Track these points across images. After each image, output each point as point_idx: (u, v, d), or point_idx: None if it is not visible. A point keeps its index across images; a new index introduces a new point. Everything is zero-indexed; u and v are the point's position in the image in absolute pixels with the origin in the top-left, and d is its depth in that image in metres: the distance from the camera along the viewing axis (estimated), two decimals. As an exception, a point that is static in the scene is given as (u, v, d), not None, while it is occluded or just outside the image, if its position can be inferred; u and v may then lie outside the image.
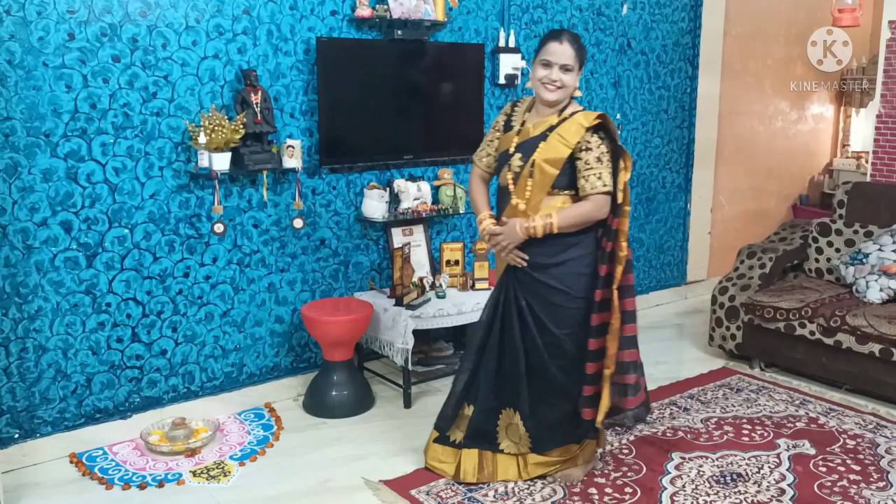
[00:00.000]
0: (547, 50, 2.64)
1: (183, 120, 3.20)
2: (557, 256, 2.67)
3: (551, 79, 2.62)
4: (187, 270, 3.32)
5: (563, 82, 2.63)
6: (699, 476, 2.94)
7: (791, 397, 3.70)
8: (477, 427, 2.86)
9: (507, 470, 2.87)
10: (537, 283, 2.70)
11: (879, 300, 3.79)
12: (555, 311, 2.70)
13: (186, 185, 3.26)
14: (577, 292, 2.68)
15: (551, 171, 2.63)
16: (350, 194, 3.74)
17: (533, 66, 2.69)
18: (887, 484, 2.88)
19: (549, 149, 2.63)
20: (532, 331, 2.73)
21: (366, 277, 3.86)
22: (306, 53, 3.50)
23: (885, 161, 4.40)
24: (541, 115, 2.72)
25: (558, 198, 2.67)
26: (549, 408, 2.79)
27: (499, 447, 2.87)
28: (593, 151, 2.62)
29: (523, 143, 2.70)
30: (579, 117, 2.65)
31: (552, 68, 2.62)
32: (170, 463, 3.02)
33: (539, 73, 2.65)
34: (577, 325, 2.70)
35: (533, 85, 2.69)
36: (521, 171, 2.67)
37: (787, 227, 4.61)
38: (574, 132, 2.62)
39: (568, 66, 2.62)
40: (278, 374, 3.65)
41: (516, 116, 2.79)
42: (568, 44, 2.63)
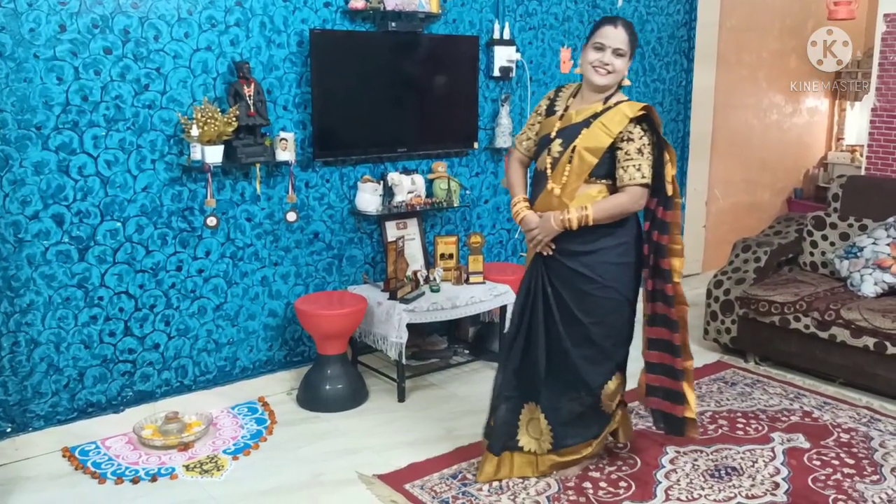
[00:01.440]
0: (601, 33, 2.61)
1: (175, 112, 3.18)
2: (589, 245, 2.64)
3: (603, 62, 2.59)
4: (180, 264, 3.30)
5: (615, 67, 2.60)
6: (694, 470, 2.94)
7: (785, 391, 3.70)
8: (499, 423, 2.83)
9: (522, 468, 2.85)
10: (567, 269, 2.67)
11: (874, 294, 3.80)
12: (584, 298, 2.67)
13: (179, 178, 3.24)
14: (607, 281, 2.65)
15: (590, 159, 2.60)
16: (344, 187, 3.73)
17: (584, 50, 2.66)
18: (881, 477, 2.89)
19: (590, 136, 2.60)
20: (556, 319, 2.69)
21: (359, 271, 3.84)
22: (299, 45, 3.47)
23: (880, 154, 4.40)
24: (586, 101, 2.68)
25: (595, 186, 2.63)
26: (571, 401, 2.76)
27: (517, 444, 2.82)
28: (635, 142, 2.60)
29: (565, 128, 2.67)
30: (624, 107, 2.61)
31: (605, 51, 2.59)
32: (163, 457, 3.01)
33: (591, 56, 2.61)
34: (605, 315, 2.69)
35: (583, 69, 2.65)
36: (561, 157, 2.64)
37: (781, 220, 4.61)
38: (618, 122, 2.59)
39: (620, 50, 2.60)
40: (272, 367, 3.64)
41: (560, 101, 2.76)
42: (622, 28, 2.61)
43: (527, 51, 4.28)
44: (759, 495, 2.77)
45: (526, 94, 4.32)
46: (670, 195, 2.67)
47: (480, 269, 3.87)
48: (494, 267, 4.12)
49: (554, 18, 4.38)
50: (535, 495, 2.76)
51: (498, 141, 4.19)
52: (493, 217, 4.34)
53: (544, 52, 4.38)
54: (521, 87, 4.30)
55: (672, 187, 2.67)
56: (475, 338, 4.15)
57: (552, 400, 2.77)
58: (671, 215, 2.69)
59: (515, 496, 2.75)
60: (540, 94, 4.40)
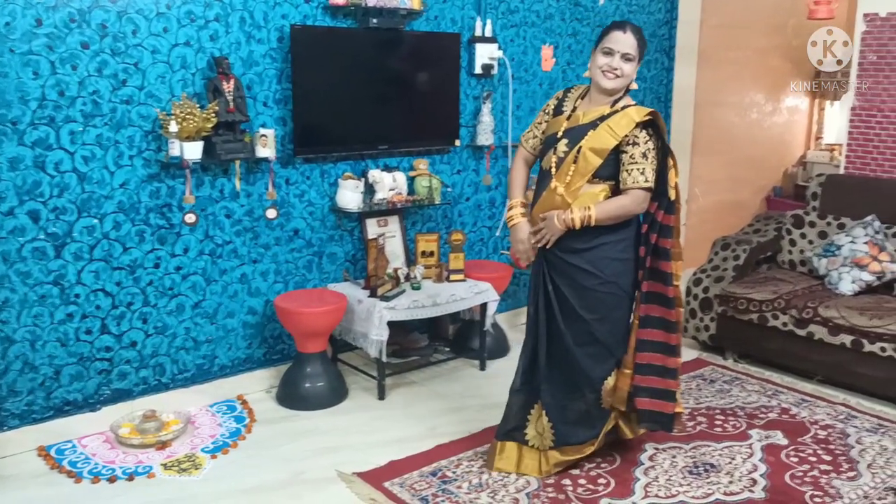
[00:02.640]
0: (610, 38, 2.66)
1: (153, 108, 3.15)
2: (591, 241, 2.69)
3: (612, 66, 2.65)
4: (158, 261, 3.27)
5: (623, 71, 2.65)
6: (672, 467, 2.96)
7: (764, 388, 3.73)
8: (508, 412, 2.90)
9: (529, 464, 2.87)
10: (569, 266, 2.72)
11: (851, 292, 3.83)
12: (586, 294, 2.71)
13: (157, 175, 3.21)
14: (609, 276, 2.70)
15: (595, 160, 2.65)
16: (324, 184, 3.71)
17: (593, 55, 2.71)
18: (857, 474, 2.92)
19: (596, 138, 2.65)
20: (557, 317, 2.75)
21: (340, 268, 3.83)
22: (280, 41, 3.45)
23: (859, 154, 4.44)
24: (594, 103, 2.74)
25: (598, 186, 2.68)
26: (576, 400, 2.79)
27: (524, 436, 2.87)
28: (640, 146, 2.64)
29: (571, 128, 2.72)
30: (631, 111, 2.66)
31: (614, 56, 2.65)
32: (140, 456, 2.99)
33: (600, 61, 2.67)
34: (608, 311, 2.74)
35: (592, 73, 2.71)
36: (566, 157, 2.69)
37: (761, 218, 4.64)
38: (624, 125, 2.63)
39: (629, 55, 2.65)
40: (251, 365, 3.62)
41: (568, 102, 2.81)
42: (631, 33, 2.66)
43: (508, 48, 4.28)
44: (736, 492, 2.79)
45: (508, 91, 4.31)
46: (672, 200, 2.72)
47: (461, 267, 3.87)
48: (475, 264, 4.12)
49: (536, 16, 4.38)
50: (514, 492, 2.76)
51: (479, 138, 4.18)
52: (474, 215, 4.34)
53: (526, 50, 4.38)
54: (503, 85, 4.30)
55: (675, 192, 2.73)
56: (456, 335, 4.15)
57: (556, 398, 2.81)
58: (673, 220, 2.75)
59: (495, 493, 2.75)
60: (522, 91, 4.40)
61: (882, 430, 3.28)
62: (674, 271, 2.77)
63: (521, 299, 4.65)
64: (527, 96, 4.43)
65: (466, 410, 3.45)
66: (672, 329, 2.77)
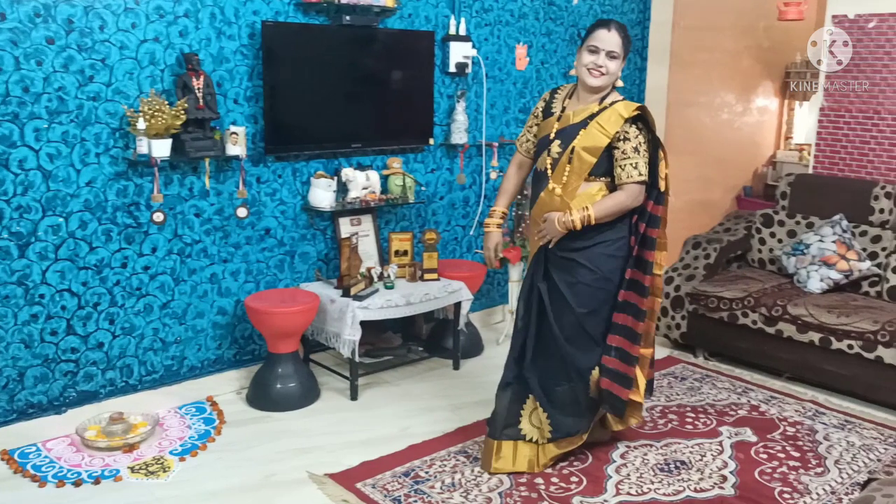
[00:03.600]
0: (595, 37, 2.70)
1: (121, 105, 3.09)
2: (590, 240, 2.74)
3: (597, 64, 2.68)
4: (125, 261, 3.21)
5: (609, 69, 2.69)
6: (644, 464, 2.97)
7: (734, 385, 3.77)
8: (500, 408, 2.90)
9: (524, 461, 2.86)
10: (569, 262, 2.77)
11: (819, 290, 3.88)
12: (580, 289, 2.75)
13: (124, 173, 3.16)
14: (606, 273, 2.76)
15: (589, 159, 2.69)
16: (296, 183, 3.67)
17: (579, 53, 2.76)
18: (825, 470, 2.96)
19: (588, 137, 2.69)
20: (549, 312, 2.78)
21: (312, 268, 3.80)
22: (251, 38, 3.41)
23: (827, 154, 4.51)
24: (582, 101, 2.78)
25: (594, 184, 2.73)
26: (564, 390, 2.81)
27: (520, 432, 2.86)
28: (631, 141, 2.68)
29: (563, 129, 2.76)
30: (619, 107, 2.70)
31: (599, 54, 2.69)
32: (107, 459, 2.93)
33: (585, 59, 2.71)
34: (598, 304, 2.77)
35: (578, 71, 2.75)
36: (560, 157, 2.74)
37: (731, 217, 4.69)
38: (613, 122, 2.68)
39: (614, 53, 2.69)
40: (221, 366, 3.57)
41: (556, 103, 2.86)
42: (616, 32, 2.70)
43: (483, 47, 4.28)
44: (707, 488, 2.81)
45: (482, 90, 4.31)
46: (662, 191, 2.77)
47: (435, 266, 3.85)
48: (449, 264, 4.11)
49: (510, 15, 4.38)
50: (487, 492, 2.76)
51: (454, 137, 4.17)
52: (448, 214, 4.33)
53: (500, 49, 4.38)
54: (478, 84, 4.29)
55: (665, 183, 2.77)
56: (430, 335, 4.14)
57: (545, 386, 2.83)
58: (662, 210, 2.80)
59: (468, 493, 2.75)
60: (496, 90, 4.40)
61: (849, 427, 3.32)
62: (656, 261, 2.82)
63: (495, 298, 4.65)
64: (501, 95, 4.43)
65: (440, 410, 3.44)
66: (640, 317, 2.80)
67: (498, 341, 4.31)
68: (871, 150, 4.32)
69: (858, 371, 3.52)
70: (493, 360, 4.06)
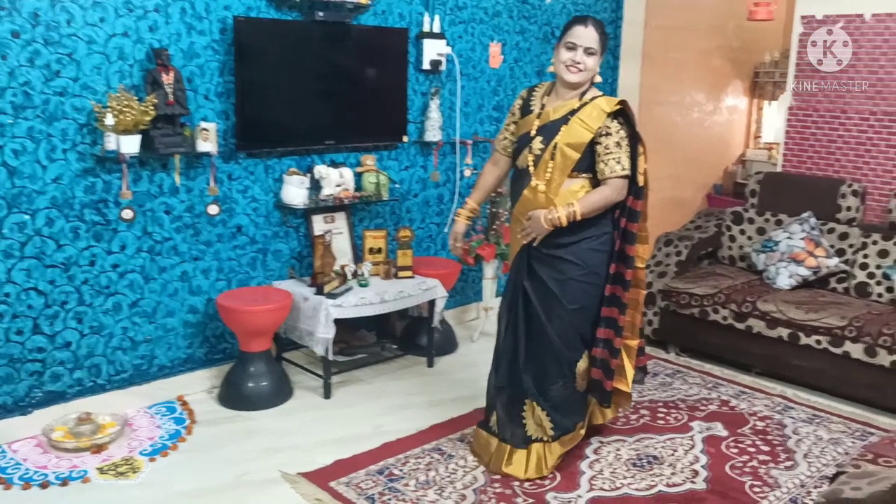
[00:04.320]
0: (572, 33, 2.70)
1: (89, 100, 3.04)
2: (576, 236, 2.73)
3: (575, 61, 2.69)
4: (93, 259, 3.16)
5: (586, 65, 2.70)
6: (617, 460, 2.99)
7: (704, 381, 3.81)
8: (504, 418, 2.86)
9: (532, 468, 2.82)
10: (554, 258, 2.76)
11: (788, 286, 3.94)
12: (570, 285, 2.75)
13: (92, 169, 3.10)
14: (593, 267, 2.76)
15: (573, 155, 2.69)
16: (269, 180, 3.64)
17: (556, 50, 2.76)
18: (794, 463, 3.00)
19: (570, 133, 2.69)
20: (539, 312, 2.76)
21: (285, 266, 3.76)
22: (222, 33, 3.37)
23: (796, 152, 4.57)
24: (561, 98, 2.78)
25: (577, 180, 2.73)
26: (558, 387, 2.80)
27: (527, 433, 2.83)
28: (613, 136, 2.69)
29: (544, 126, 2.76)
30: (601, 102, 2.71)
31: (576, 50, 2.69)
32: (74, 460, 2.88)
33: (563, 56, 2.71)
34: (586, 300, 2.78)
35: (556, 68, 2.75)
36: (542, 154, 2.73)
37: (702, 215, 4.74)
38: (596, 117, 2.68)
39: (591, 49, 2.69)
40: (192, 365, 3.52)
41: (535, 100, 2.84)
42: (593, 28, 2.70)
43: (457, 44, 4.27)
44: (679, 483, 2.84)
45: (456, 88, 4.30)
46: (641, 186, 2.79)
47: (410, 264, 3.84)
48: (424, 261, 4.10)
49: (484, 13, 4.38)
50: (461, 489, 2.76)
51: (428, 134, 4.16)
52: (422, 211, 4.32)
53: (474, 47, 4.38)
54: (451, 81, 4.29)
55: (643, 178, 2.79)
56: (404, 332, 4.12)
57: (540, 388, 2.81)
58: (641, 204, 2.81)
59: (442, 490, 2.74)
60: (470, 88, 4.39)
61: (817, 421, 3.38)
62: (638, 254, 2.84)
63: (470, 296, 4.66)
64: (475, 93, 4.43)
65: (414, 408, 3.44)
66: (623, 310, 2.83)
67: (472, 338, 4.32)
68: (838, 148, 4.39)
69: (826, 366, 3.58)
70: (467, 358, 4.07)
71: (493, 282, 4.36)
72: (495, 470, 2.85)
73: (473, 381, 3.74)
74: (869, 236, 3.96)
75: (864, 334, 3.43)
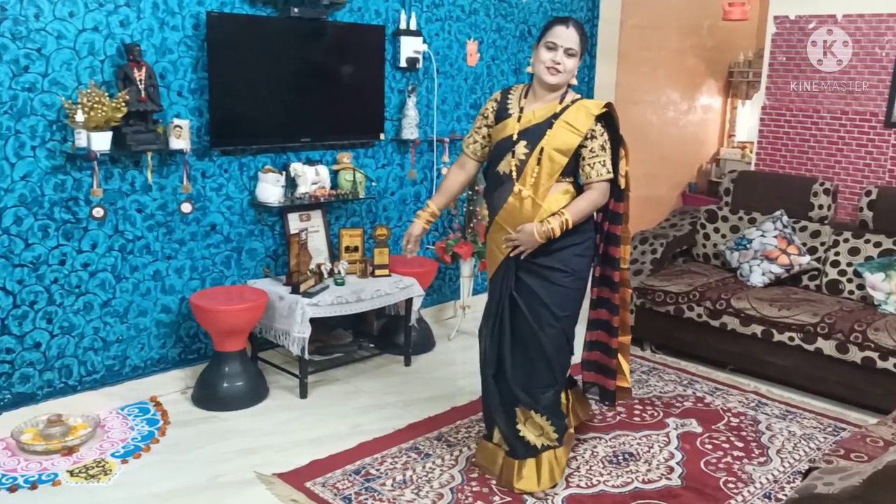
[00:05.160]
0: (553, 33, 2.63)
1: (58, 96, 2.98)
2: (560, 242, 2.67)
3: (555, 61, 2.61)
4: (63, 258, 3.10)
5: (566, 66, 2.63)
6: (593, 457, 3.00)
7: (679, 378, 3.84)
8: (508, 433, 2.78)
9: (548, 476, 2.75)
10: (542, 267, 2.68)
11: (762, 283, 3.98)
12: (558, 293, 2.69)
13: (62, 167, 3.04)
14: (579, 273, 2.72)
15: (561, 160, 2.63)
16: (243, 178, 3.60)
17: (536, 50, 2.68)
18: (767, 459, 3.03)
19: (557, 137, 2.63)
20: (529, 320, 2.69)
21: (260, 264, 3.73)
22: (196, 28, 3.32)
23: (769, 151, 4.62)
24: (540, 100, 2.69)
25: (561, 185, 2.67)
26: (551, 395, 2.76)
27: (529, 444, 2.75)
28: (598, 139, 2.65)
29: (526, 130, 2.67)
30: (588, 105, 2.66)
31: (557, 51, 2.62)
32: (44, 463, 2.83)
33: (543, 56, 2.63)
34: (574, 305, 2.75)
35: (535, 68, 2.67)
36: (527, 160, 2.65)
37: (677, 213, 4.78)
38: (583, 121, 2.63)
39: (572, 50, 2.63)
40: (165, 366, 3.48)
41: (511, 103, 2.74)
42: (573, 29, 2.63)
43: (433, 42, 4.26)
44: (654, 479, 2.85)
45: (433, 85, 4.29)
46: (623, 188, 2.77)
47: (386, 262, 3.83)
48: (400, 260, 4.07)
49: (461, 11, 4.37)
50: (438, 487, 2.75)
51: (405, 132, 4.15)
52: (399, 209, 4.30)
53: (451, 45, 4.36)
54: (428, 79, 4.27)
55: (625, 181, 2.77)
56: (381, 331, 4.11)
57: (532, 396, 2.75)
58: (623, 207, 2.81)
59: (420, 490, 2.73)
60: (447, 86, 4.38)
61: (790, 417, 3.42)
62: (623, 255, 2.84)
63: (447, 294, 4.65)
64: (452, 91, 4.42)
65: (391, 407, 3.42)
66: (614, 311, 2.84)
67: (449, 337, 4.31)
68: (810, 147, 4.44)
69: (799, 362, 3.62)
70: (444, 356, 4.06)
71: (470, 280, 4.35)
72: (506, 486, 2.76)
73: (451, 380, 3.73)
74: (840, 234, 4.02)
75: (836, 331, 3.47)
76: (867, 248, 3.90)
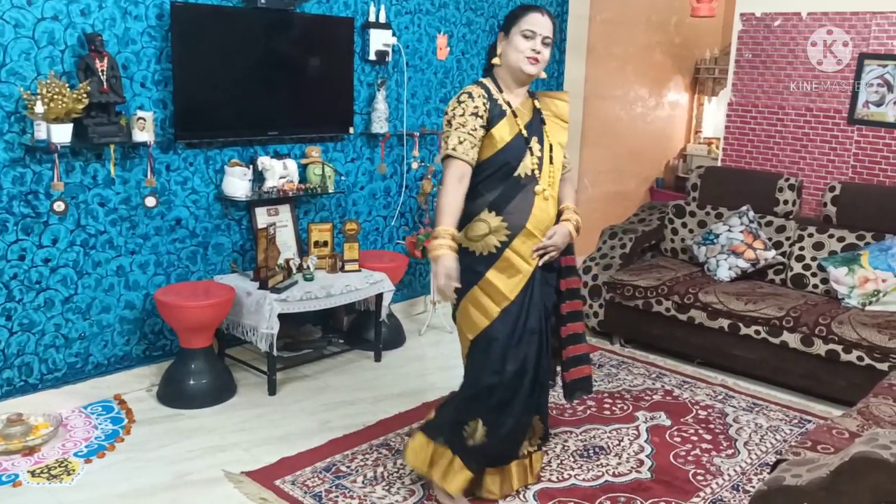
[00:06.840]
0: (529, 20, 2.42)
1: (16, 87, 2.89)
2: None
3: (535, 51, 2.41)
4: (23, 253, 3.01)
5: (544, 56, 2.45)
6: (564, 451, 3.01)
7: (648, 371, 3.87)
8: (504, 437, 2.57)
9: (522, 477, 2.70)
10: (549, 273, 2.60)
11: (728, 278, 4.03)
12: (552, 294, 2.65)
13: (21, 159, 2.96)
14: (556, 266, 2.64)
15: (561, 154, 2.57)
16: (209, 171, 3.53)
17: (511, 39, 2.44)
18: (735, 451, 3.07)
19: (556, 131, 2.56)
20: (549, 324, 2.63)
21: (227, 259, 3.67)
22: (159, 18, 3.25)
23: (735, 147, 4.67)
24: (513, 94, 2.51)
25: None
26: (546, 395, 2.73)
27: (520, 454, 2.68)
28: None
29: (529, 126, 2.50)
30: (563, 95, 2.62)
31: (535, 39, 2.41)
32: (5, 463, 2.75)
33: (522, 45, 2.41)
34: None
35: (509, 59, 2.44)
36: (543, 157, 2.51)
37: (645, 208, 4.81)
38: (564, 111, 2.58)
39: (548, 38, 2.44)
40: (129, 363, 3.41)
41: (498, 100, 2.47)
42: (548, 16, 2.45)
43: (403, 35, 4.22)
44: (625, 473, 2.87)
45: (403, 79, 4.26)
46: None
47: (356, 257, 3.79)
48: (370, 254, 4.05)
49: (430, 4, 4.34)
50: (409, 484, 2.73)
51: (374, 126, 4.11)
52: (368, 204, 4.26)
53: (421, 38, 4.33)
54: (398, 73, 4.24)
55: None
56: (350, 327, 4.07)
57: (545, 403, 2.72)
58: None
59: (391, 486, 2.71)
60: (417, 80, 4.35)
61: (757, 409, 3.46)
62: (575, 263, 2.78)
63: (417, 289, 4.63)
64: (422, 85, 4.39)
65: (361, 403, 3.39)
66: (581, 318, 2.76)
67: (420, 332, 4.29)
68: (776, 143, 4.50)
69: (765, 355, 3.67)
70: (414, 351, 4.04)
71: (441, 275, 4.32)
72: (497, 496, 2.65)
73: (421, 376, 3.72)
74: (805, 229, 4.08)
75: (801, 324, 3.53)
76: (831, 243, 3.97)
